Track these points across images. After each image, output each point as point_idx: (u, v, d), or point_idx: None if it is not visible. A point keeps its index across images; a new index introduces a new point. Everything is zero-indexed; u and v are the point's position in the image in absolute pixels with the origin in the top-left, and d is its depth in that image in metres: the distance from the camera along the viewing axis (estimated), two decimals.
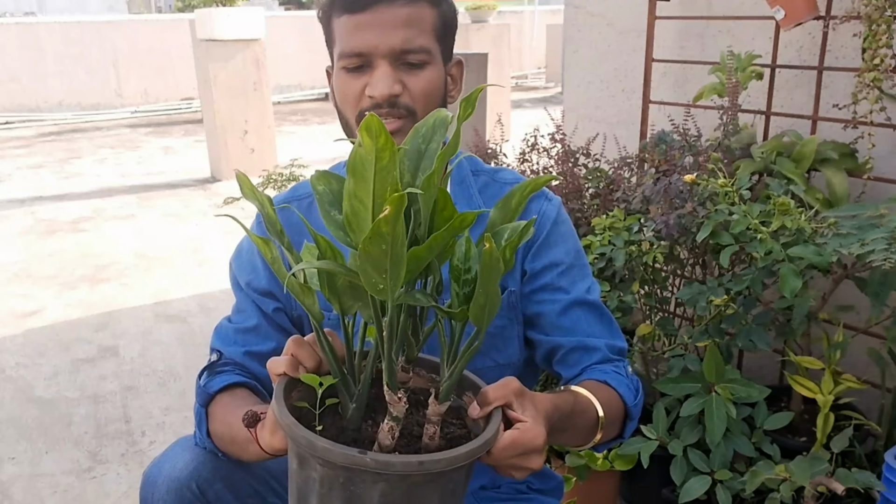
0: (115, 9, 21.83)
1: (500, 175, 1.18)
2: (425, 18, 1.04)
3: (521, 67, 12.56)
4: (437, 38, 1.06)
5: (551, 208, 1.13)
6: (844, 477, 1.36)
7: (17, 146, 7.74)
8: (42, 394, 2.66)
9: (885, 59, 1.52)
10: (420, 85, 1.04)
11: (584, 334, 1.10)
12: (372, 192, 0.64)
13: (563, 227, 1.14)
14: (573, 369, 1.10)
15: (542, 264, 1.12)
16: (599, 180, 2.00)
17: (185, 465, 1.09)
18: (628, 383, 1.08)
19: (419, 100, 1.05)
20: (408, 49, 1.03)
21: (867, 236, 1.35)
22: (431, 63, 1.05)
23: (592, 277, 1.17)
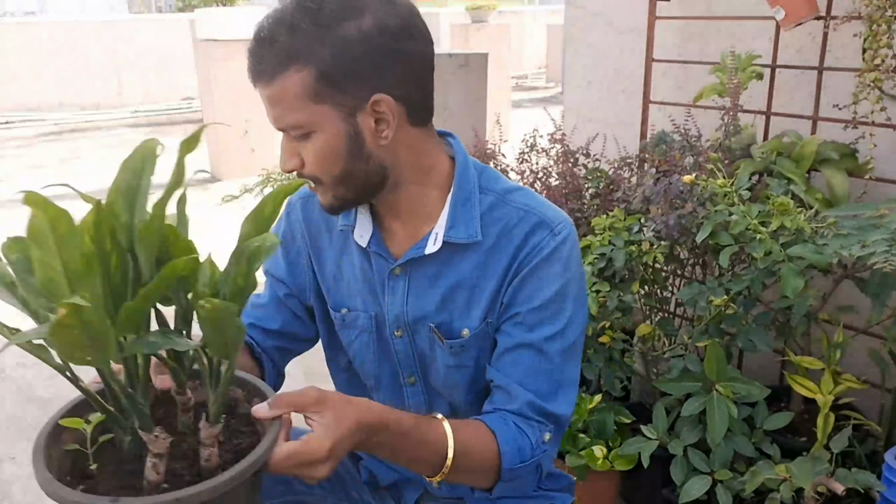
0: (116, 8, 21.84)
1: (512, 197, 1.08)
2: (290, 90, 0.93)
3: (521, 67, 12.55)
4: (318, 100, 0.93)
5: (549, 243, 1.04)
6: (844, 477, 1.36)
7: (18, 146, 7.75)
8: (42, 393, 2.66)
9: (885, 59, 1.52)
10: (310, 157, 0.97)
11: (516, 379, 1.04)
12: (60, 260, 0.62)
13: (555, 266, 1.04)
14: (488, 405, 1.06)
15: (520, 296, 1.05)
16: (599, 180, 2.00)
17: None
18: (522, 446, 1.01)
19: (317, 168, 0.98)
20: (282, 128, 0.97)
21: (867, 237, 1.35)
22: (318, 130, 0.95)
23: (572, 332, 1.06)
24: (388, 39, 0.93)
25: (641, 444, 1.59)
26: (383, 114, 0.96)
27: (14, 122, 8.83)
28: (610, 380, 1.75)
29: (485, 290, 1.06)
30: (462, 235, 1.04)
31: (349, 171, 0.99)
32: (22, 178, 6.21)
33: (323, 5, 0.92)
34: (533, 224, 1.05)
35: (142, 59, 9.65)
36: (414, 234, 1.08)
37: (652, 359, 1.81)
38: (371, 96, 0.94)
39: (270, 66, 0.93)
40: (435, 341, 1.10)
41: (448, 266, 1.07)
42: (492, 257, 1.06)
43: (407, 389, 1.18)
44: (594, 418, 1.74)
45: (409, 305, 1.10)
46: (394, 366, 1.17)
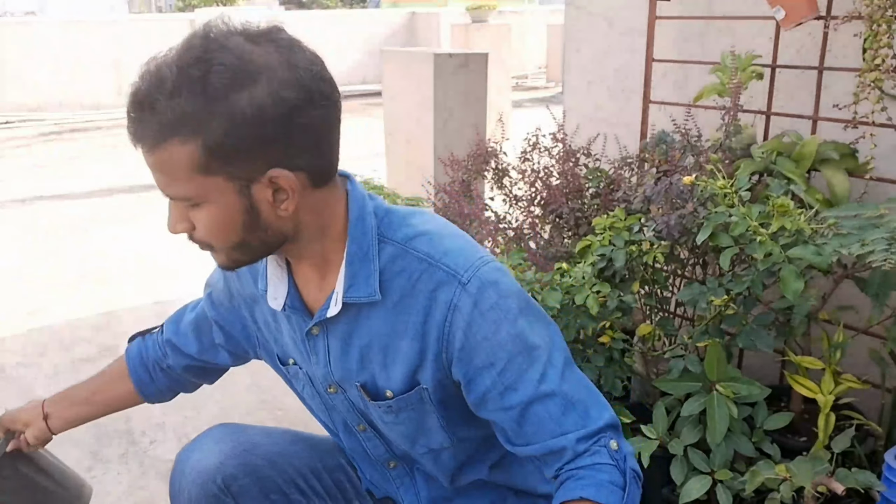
0: (116, 8, 21.82)
1: (414, 244, 0.98)
2: (174, 160, 0.85)
3: (521, 67, 12.55)
4: (207, 172, 0.86)
5: (464, 298, 0.95)
6: (844, 477, 1.36)
7: (18, 146, 7.74)
8: (43, 393, 2.64)
9: (885, 59, 1.52)
10: (202, 225, 0.91)
11: (550, 435, 0.96)
12: None
13: (491, 315, 0.95)
14: (549, 470, 1.00)
15: (475, 367, 0.96)
16: (600, 180, 2.00)
17: (213, 458, 1.14)
18: (611, 477, 0.94)
19: (208, 237, 0.92)
20: (168, 195, 0.90)
21: (867, 236, 1.35)
22: (208, 202, 0.89)
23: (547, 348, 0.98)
24: (284, 112, 0.85)
25: (641, 444, 1.59)
26: (282, 188, 0.89)
27: (14, 122, 8.83)
28: (610, 380, 1.75)
29: (399, 351, 1.01)
30: (361, 294, 0.98)
31: (244, 242, 0.93)
32: (22, 178, 6.22)
33: (210, 72, 0.83)
34: (437, 280, 0.96)
35: (142, 59, 9.60)
36: (324, 284, 1.03)
37: (652, 359, 1.81)
38: (267, 170, 0.87)
39: (151, 133, 0.85)
40: (365, 399, 1.07)
41: (357, 325, 1.02)
42: (399, 315, 0.99)
43: (360, 435, 1.17)
44: None
45: (332, 366, 1.07)
46: (341, 416, 1.16)
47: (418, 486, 1.21)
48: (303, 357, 1.11)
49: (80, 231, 4.72)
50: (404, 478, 1.21)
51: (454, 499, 1.21)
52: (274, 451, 1.19)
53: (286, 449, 1.21)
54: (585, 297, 1.62)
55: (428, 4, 15.48)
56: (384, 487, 1.25)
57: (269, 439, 1.20)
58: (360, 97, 10.46)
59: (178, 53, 0.86)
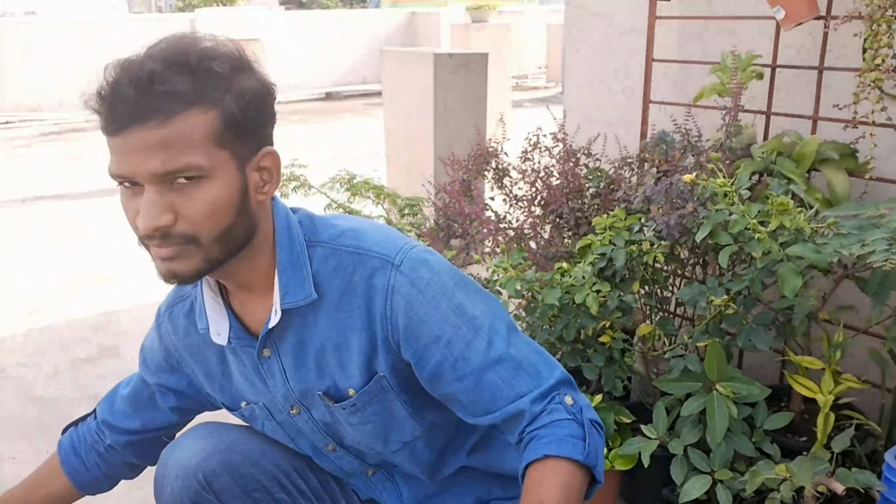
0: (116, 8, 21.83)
1: (342, 241, 1.03)
2: (192, 130, 0.87)
3: (521, 67, 12.55)
4: (220, 144, 0.90)
5: (399, 278, 0.98)
6: (844, 477, 1.36)
7: (18, 146, 7.74)
8: (42, 393, 2.66)
9: (886, 59, 1.52)
10: (196, 208, 0.89)
11: (506, 401, 0.99)
12: None
13: (429, 291, 0.99)
14: (513, 436, 1.02)
15: (422, 344, 0.99)
16: (600, 180, 2.00)
17: (195, 454, 1.14)
18: (570, 430, 0.97)
19: (198, 224, 0.90)
20: (170, 171, 0.88)
21: (867, 236, 1.35)
22: (211, 177, 0.89)
23: (489, 317, 1.01)
24: (269, 97, 0.96)
25: (642, 444, 1.59)
26: (267, 168, 0.96)
27: (14, 122, 8.83)
28: (610, 379, 1.75)
29: (351, 346, 1.03)
30: (297, 298, 1.00)
31: (232, 227, 0.93)
32: (22, 178, 6.22)
33: (222, 52, 0.92)
34: (371, 268, 1.00)
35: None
36: (263, 307, 1.04)
37: (652, 358, 1.81)
38: (260, 149, 0.95)
39: (168, 106, 0.87)
40: (330, 406, 1.08)
41: (305, 332, 1.04)
42: (342, 311, 1.01)
43: (331, 455, 1.18)
44: None
45: (290, 382, 1.08)
46: (308, 440, 1.16)
47: (400, 489, 1.22)
48: (257, 389, 1.11)
49: (80, 231, 4.72)
50: (385, 482, 1.22)
51: (438, 496, 1.21)
52: (256, 450, 1.19)
53: (269, 448, 1.20)
54: (585, 296, 1.62)
55: (428, 4, 15.48)
56: (367, 493, 1.26)
57: (252, 438, 1.20)
58: (360, 97, 10.47)
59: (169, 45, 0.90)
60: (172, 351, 1.18)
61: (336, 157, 6.55)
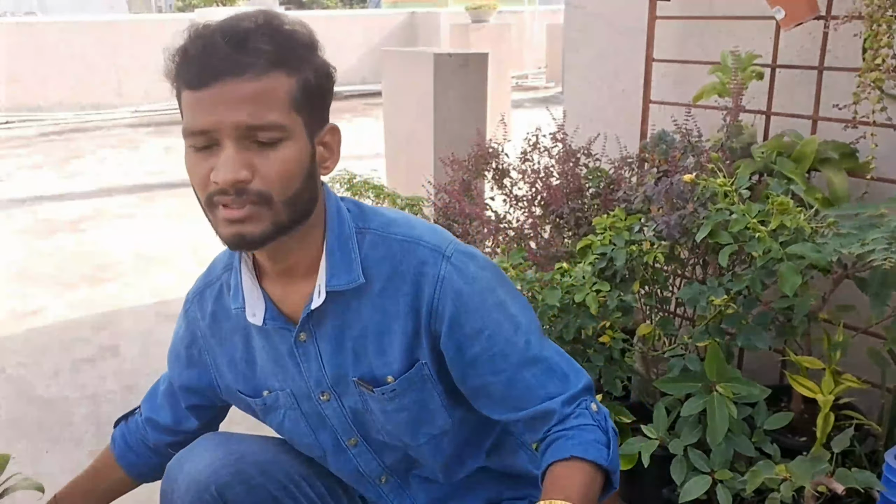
0: (116, 8, 21.84)
1: (393, 230, 1.04)
2: (278, 90, 0.91)
3: (521, 67, 12.55)
4: (297, 110, 0.93)
5: (448, 269, 1.01)
6: (844, 477, 1.36)
7: (18, 146, 7.74)
8: (42, 393, 2.66)
9: (886, 59, 1.52)
10: (273, 167, 0.92)
11: (538, 400, 1.03)
12: None
13: (476, 285, 1.02)
14: (535, 434, 1.06)
15: (464, 335, 1.02)
16: (600, 180, 2.00)
17: (206, 467, 1.12)
18: (595, 436, 1.01)
19: (274, 183, 0.93)
20: (255, 125, 0.90)
21: (867, 236, 1.35)
22: (288, 139, 0.93)
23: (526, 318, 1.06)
24: (332, 81, 1.00)
25: (642, 444, 1.59)
26: (330, 144, 1.00)
27: (14, 122, 8.83)
28: (610, 379, 1.75)
29: (393, 333, 1.04)
30: (343, 282, 1.01)
31: (301, 193, 0.96)
32: (22, 178, 6.22)
33: (295, 32, 0.96)
34: (421, 257, 1.02)
35: (142, 59, 9.65)
36: (302, 292, 1.05)
37: (652, 358, 1.81)
38: (326, 124, 1.00)
39: (260, 63, 0.91)
40: (365, 393, 1.08)
41: (346, 317, 1.04)
42: (387, 298, 1.03)
43: (352, 451, 1.16)
44: None
45: (326, 367, 1.07)
46: (331, 432, 1.15)
47: (414, 495, 1.21)
48: (287, 374, 1.10)
49: (80, 231, 4.72)
50: (397, 490, 1.21)
51: (450, 498, 1.21)
52: (265, 459, 1.18)
53: (277, 456, 1.20)
54: (585, 296, 1.62)
55: (428, 4, 15.48)
56: (377, 502, 1.25)
57: (260, 447, 1.20)
58: (360, 97, 10.46)
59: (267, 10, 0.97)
60: (198, 336, 1.19)
61: None
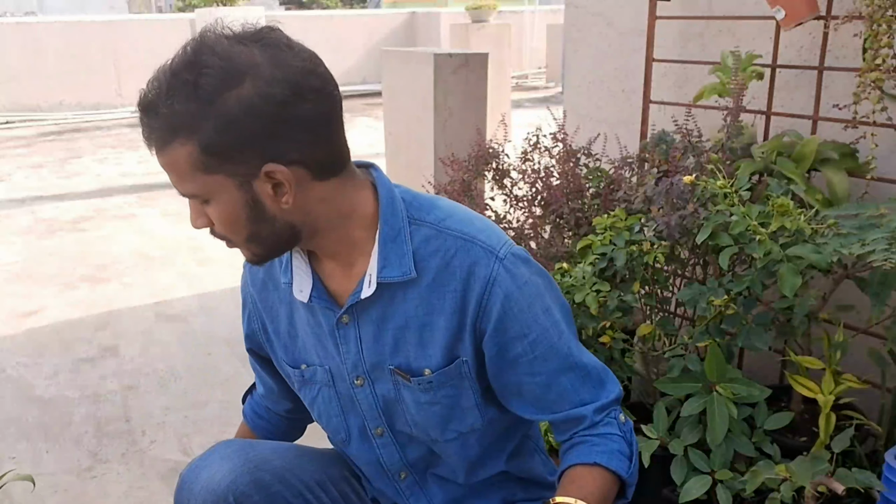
0: (116, 8, 21.84)
1: (448, 224, 1.03)
2: (180, 161, 0.90)
3: (521, 67, 12.55)
4: (208, 170, 0.90)
5: (501, 271, 1.00)
6: (845, 477, 1.36)
7: (18, 146, 7.74)
8: (42, 393, 2.66)
9: (886, 59, 1.52)
10: (215, 219, 0.96)
11: (572, 404, 1.05)
12: None
13: (526, 289, 1.01)
14: (563, 435, 1.09)
15: (509, 337, 1.02)
16: (600, 180, 2.00)
17: (224, 477, 1.11)
18: (620, 447, 1.05)
19: (224, 230, 0.97)
20: (181, 194, 0.96)
21: (867, 236, 1.35)
22: (213, 198, 0.93)
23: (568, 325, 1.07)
24: (274, 107, 0.88)
25: (642, 444, 1.58)
26: (279, 182, 0.92)
27: (14, 122, 8.83)
28: None
29: (436, 328, 1.03)
30: (395, 274, 1.01)
31: (255, 234, 0.97)
32: (22, 178, 6.22)
33: (200, 76, 0.87)
34: (475, 256, 1.00)
35: (142, 59, 9.64)
36: (351, 274, 1.05)
37: (652, 359, 1.81)
38: (262, 166, 0.90)
39: (157, 136, 0.91)
40: (400, 382, 1.08)
41: (391, 307, 1.04)
42: (435, 292, 1.02)
43: (376, 441, 1.16)
44: None
45: (364, 352, 1.07)
46: (359, 417, 1.15)
47: (431, 494, 1.21)
48: (327, 353, 1.10)
49: (80, 231, 4.72)
50: (414, 488, 1.21)
51: (465, 499, 1.21)
52: (282, 466, 1.18)
53: (292, 463, 1.20)
54: (585, 296, 1.62)
55: (428, 4, 15.48)
56: (392, 498, 1.24)
57: (276, 454, 1.19)
58: (360, 97, 10.46)
59: (174, 59, 0.91)
60: (248, 301, 1.20)
61: None
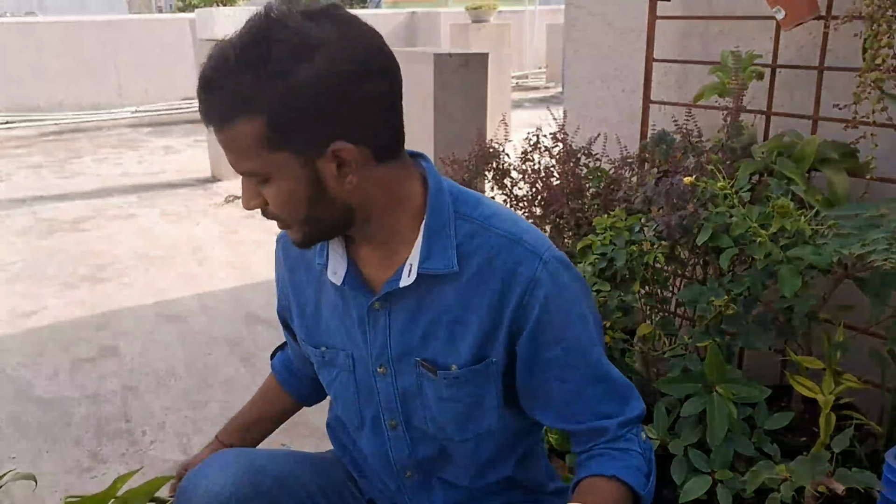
0: (116, 8, 21.84)
1: (493, 223, 1.02)
2: (243, 138, 0.88)
3: (521, 67, 12.55)
4: (274, 148, 0.89)
5: (543, 274, 0.99)
6: (845, 477, 1.35)
7: (18, 146, 7.74)
8: (42, 393, 2.65)
9: (886, 59, 1.52)
10: (273, 200, 0.94)
11: (596, 417, 1.05)
12: None
13: (565, 294, 1.01)
14: (583, 446, 1.08)
15: (543, 341, 1.01)
16: (600, 180, 2.00)
17: (226, 482, 1.10)
18: (639, 464, 1.04)
19: (281, 211, 0.95)
20: (238, 172, 0.94)
21: (868, 236, 1.35)
22: (274, 177, 0.91)
23: (600, 335, 1.07)
24: (343, 83, 0.87)
25: None
26: (345, 160, 0.91)
27: (14, 122, 8.82)
28: None
29: (469, 324, 1.02)
30: (438, 266, 0.99)
31: (313, 215, 0.95)
32: (22, 178, 6.22)
33: (270, 49, 0.85)
34: (518, 256, 0.99)
35: (142, 59, 9.65)
36: (389, 263, 1.04)
37: (652, 359, 1.81)
38: (329, 144, 0.89)
39: (219, 114, 0.89)
40: (424, 375, 1.06)
41: (427, 299, 1.02)
42: (474, 290, 1.00)
43: (389, 434, 1.14)
44: None
45: (392, 340, 1.06)
46: (375, 407, 1.13)
47: (434, 497, 1.20)
48: (352, 339, 1.09)
49: (80, 231, 4.72)
50: (418, 489, 1.20)
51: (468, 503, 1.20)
52: (281, 473, 1.17)
53: (291, 469, 1.19)
54: None
55: (428, 4, 15.47)
56: (392, 498, 1.23)
57: (275, 461, 1.19)
58: None
59: (240, 34, 0.89)
60: (279, 275, 1.21)
61: None
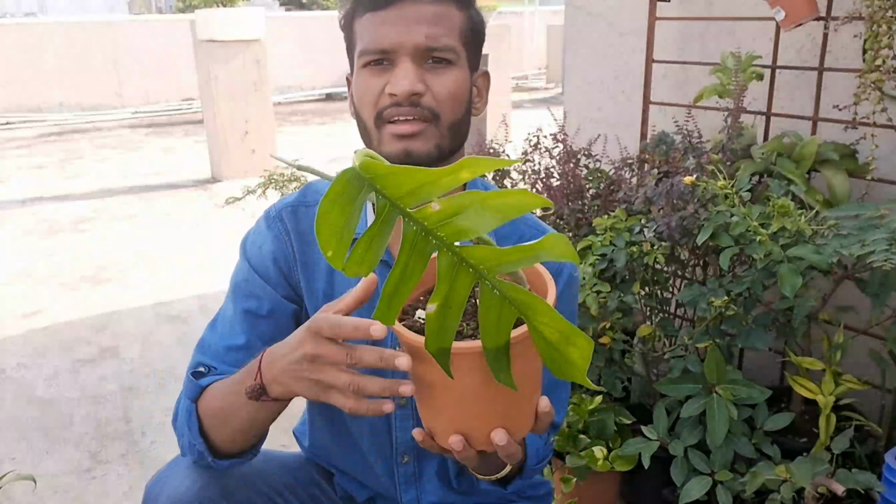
0: (116, 9, 21.85)
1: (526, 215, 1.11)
2: (452, 19, 1.00)
3: (521, 68, 12.55)
4: (464, 42, 1.01)
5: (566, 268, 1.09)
6: (845, 478, 1.36)
7: (18, 146, 7.74)
8: (42, 394, 2.66)
9: (886, 59, 1.52)
10: (444, 87, 0.99)
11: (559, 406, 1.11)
12: None
13: (572, 287, 1.11)
14: None
15: None
16: (600, 181, 2.00)
17: (191, 485, 1.07)
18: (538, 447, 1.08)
19: (443, 102, 0.99)
20: (433, 46, 0.98)
21: (868, 237, 1.35)
22: (457, 65, 1.00)
23: None
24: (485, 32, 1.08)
25: (642, 445, 1.59)
26: (481, 87, 1.08)
27: (14, 123, 8.83)
28: (610, 380, 1.75)
29: None
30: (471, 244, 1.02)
31: (462, 121, 1.03)
32: (22, 178, 6.22)
33: None
34: None
35: (142, 59, 9.65)
36: None
37: (652, 360, 1.81)
38: (479, 67, 1.07)
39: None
40: None
41: None
42: None
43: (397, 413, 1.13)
44: (594, 419, 1.74)
45: None
46: None
47: (422, 486, 1.20)
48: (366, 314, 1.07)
49: (80, 231, 4.72)
50: (410, 477, 1.20)
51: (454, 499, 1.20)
52: (248, 472, 1.14)
53: (259, 468, 1.17)
54: (586, 297, 1.62)
55: None
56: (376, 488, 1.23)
57: None
58: None
59: None
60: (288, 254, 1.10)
61: (337, 157, 6.55)
